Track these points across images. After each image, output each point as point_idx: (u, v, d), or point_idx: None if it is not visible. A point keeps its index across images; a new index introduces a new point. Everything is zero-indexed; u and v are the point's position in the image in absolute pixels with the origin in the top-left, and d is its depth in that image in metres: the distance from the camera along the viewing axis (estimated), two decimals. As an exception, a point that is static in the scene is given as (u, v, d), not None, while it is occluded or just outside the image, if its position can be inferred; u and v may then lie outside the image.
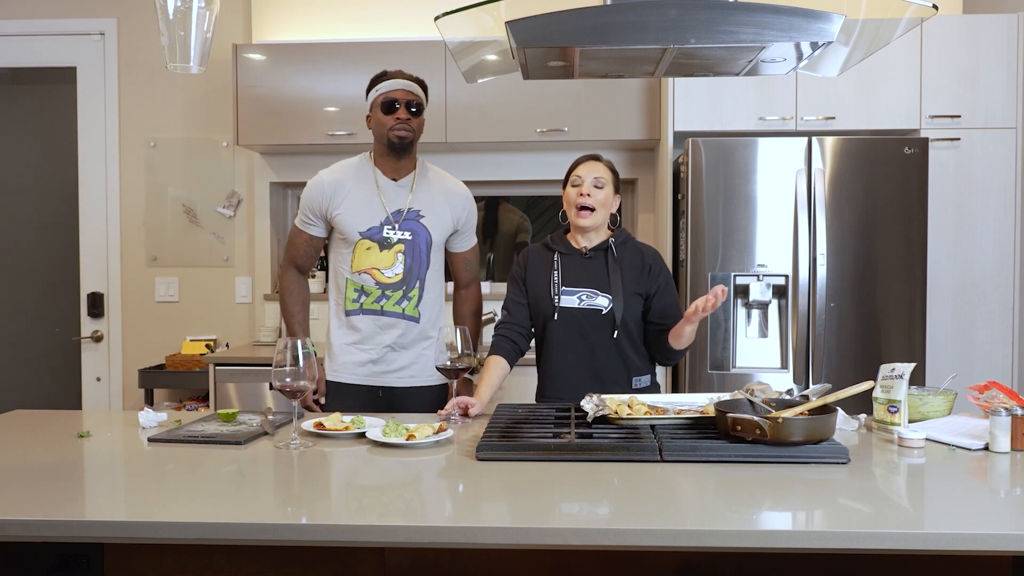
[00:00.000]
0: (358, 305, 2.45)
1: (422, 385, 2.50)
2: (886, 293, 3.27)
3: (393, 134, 2.41)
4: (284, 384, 1.79)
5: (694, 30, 1.71)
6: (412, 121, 2.44)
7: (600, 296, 2.28)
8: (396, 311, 2.44)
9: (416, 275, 2.45)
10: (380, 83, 2.46)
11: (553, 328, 2.31)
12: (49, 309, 4.36)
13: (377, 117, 2.44)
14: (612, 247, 2.32)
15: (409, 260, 2.44)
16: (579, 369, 2.30)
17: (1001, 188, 3.40)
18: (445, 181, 2.55)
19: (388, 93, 2.43)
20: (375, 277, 2.43)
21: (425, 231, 2.45)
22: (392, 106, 2.41)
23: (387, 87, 2.44)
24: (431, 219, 2.46)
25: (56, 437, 1.95)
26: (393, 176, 2.47)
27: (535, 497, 1.47)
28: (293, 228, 2.56)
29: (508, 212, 4.39)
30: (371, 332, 2.45)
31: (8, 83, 4.36)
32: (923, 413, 2.04)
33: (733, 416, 1.73)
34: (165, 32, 1.96)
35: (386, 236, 2.42)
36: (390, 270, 2.43)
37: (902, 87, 3.41)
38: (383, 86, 2.44)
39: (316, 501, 1.47)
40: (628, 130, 3.77)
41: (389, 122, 2.41)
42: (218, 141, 4.18)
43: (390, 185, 2.46)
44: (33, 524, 1.35)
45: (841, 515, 1.37)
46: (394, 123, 2.41)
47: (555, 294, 2.30)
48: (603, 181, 2.28)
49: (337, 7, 4.13)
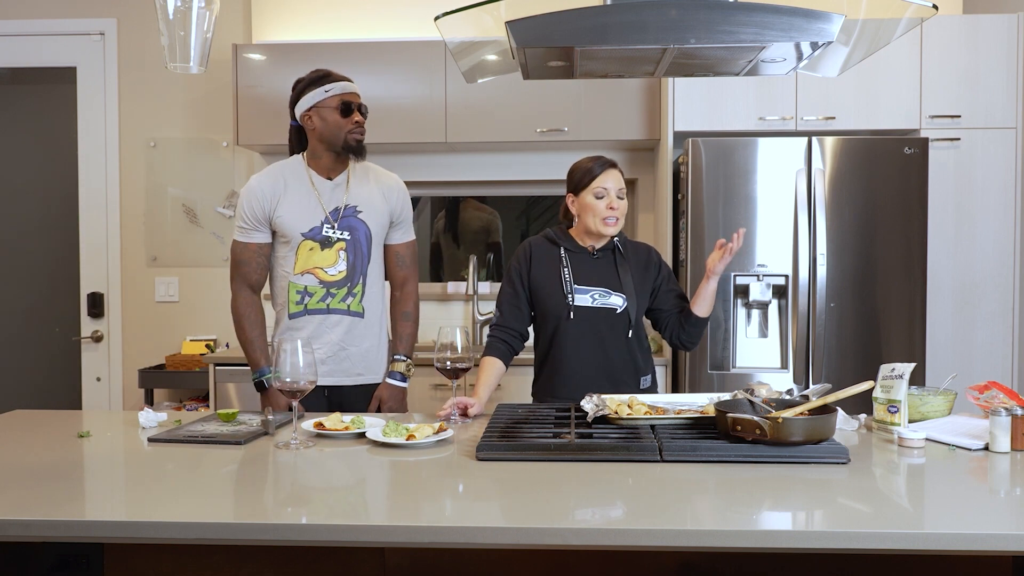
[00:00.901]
0: (302, 307, 2.43)
1: (371, 383, 2.49)
2: (886, 293, 3.27)
3: (352, 137, 2.39)
4: (284, 384, 1.79)
5: (694, 30, 1.71)
6: (363, 124, 2.43)
7: (614, 295, 2.29)
8: (341, 308, 2.43)
9: (359, 271, 2.44)
10: (328, 83, 2.39)
11: (568, 327, 2.30)
12: (49, 309, 4.35)
13: (332, 118, 2.38)
14: (619, 247, 2.33)
15: (352, 256, 2.42)
16: (592, 368, 2.30)
17: (1001, 188, 3.40)
18: (378, 174, 2.52)
19: (344, 96, 2.39)
20: (318, 276, 2.41)
21: (364, 226, 2.43)
22: (349, 108, 2.39)
23: (340, 89, 2.39)
24: (368, 213, 2.44)
25: (56, 437, 1.95)
26: (328, 176, 2.45)
27: (535, 497, 1.47)
28: (235, 245, 2.46)
29: (476, 210, 4.37)
30: (318, 332, 2.42)
31: (8, 83, 4.36)
32: (923, 413, 2.04)
33: (733, 416, 1.73)
34: (165, 32, 1.96)
35: (327, 235, 2.40)
36: (333, 268, 2.41)
37: (902, 87, 3.41)
38: (336, 87, 2.39)
39: (316, 501, 1.47)
40: (628, 130, 3.77)
41: (347, 125, 2.39)
42: (218, 141, 4.18)
43: (326, 185, 2.43)
44: (33, 524, 1.35)
45: (841, 515, 1.37)
46: (352, 126, 2.39)
47: (568, 292, 2.30)
48: (624, 192, 2.31)
49: (337, 7, 4.13)
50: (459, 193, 4.32)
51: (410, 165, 4.17)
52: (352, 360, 2.46)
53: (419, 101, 3.78)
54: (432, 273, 4.39)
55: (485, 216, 4.37)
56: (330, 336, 2.43)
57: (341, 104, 2.38)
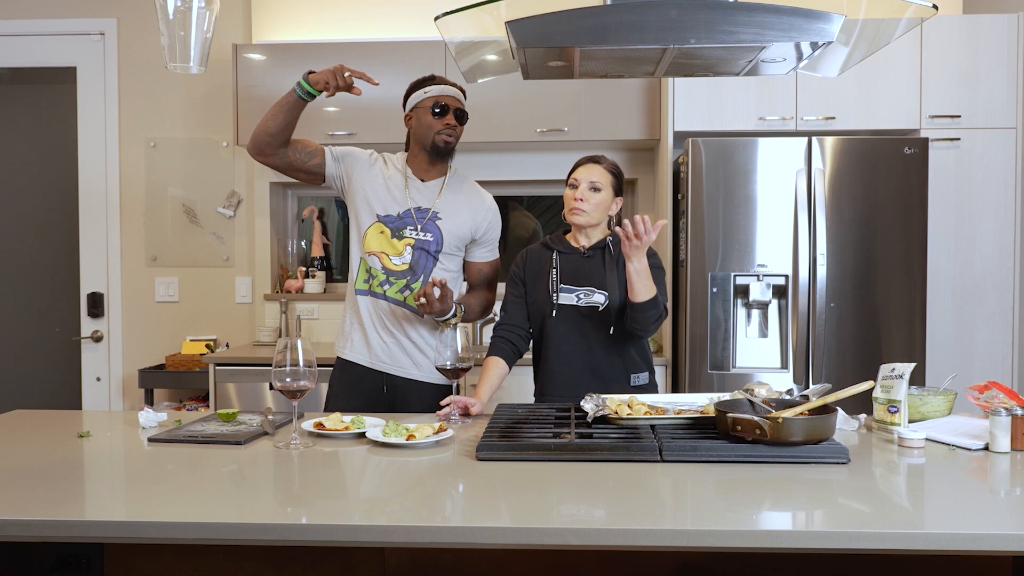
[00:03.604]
0: (368, 285, 2.48)
1: (422, 380, 2.50)
2: (886, 293, 3.27)
3: (440, 138, 2.43)
4: (284, 384, 1.79)
5: (694, 30, 1.71)
6: (458, 128, 2.46)
7: (597, 293, 2.28)
8: (398, 299, 2.45)
9: (422, 269, 2.45)
10: (429, 86, 2.46)
11: (551, 325, 2.31)
12: (49, 309, 4.36)
13: (424, 119, 2.44)
14: (610, 245, 2.33)
15: (417, 254, 2.44)
16: (577, 366, 2.30)
17: (1001, 188, 3.40)
18: (473, 190, 2.55)
19: (440, 97, 2.44)
20: (382, 261, 2.45)
21: (438, 231, 2.45)
22: (444, 110, 2.43)
23: (438, 91, 2.45)
24: (447, 222, 2.46)
25: (56, 437, 1.95)
26: (422, 177, 2.49)
27: (535, 497, 1.47)
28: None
29: (523, 217, 4.38)
30: (377, 314, 2.46)
31: (8, 83, 4.36)
32: (923, 413, 2.04)
33: (733, 416, 1.73)
34: (165, 32, 1.96)
35: (401, 228, 2.44)
36: (399, 258, 2.44)
37: (902, 87, 3.41)
38: (433, 89, 2.45)
39: (316, 501, 1.47)
40: (628, 130, 3.77)
41: (437, 125, 2.43)
42: (218, 141, 4.18)
43: (418, 184, 2.48)
44: (33, 524, 1.35)
45: (841, 515, 1.37)
46: (442, 127, 2.43)
47: (553, 291, 2.31)
48: (600, 184, 2.28)
49: (337, 7, 4.13)
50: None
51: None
52: (407, 352, 2.47)
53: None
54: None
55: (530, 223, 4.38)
56: (387, 323, 2.46)
57: (435, 105, 2.42)
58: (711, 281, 3.29)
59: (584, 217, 2.28)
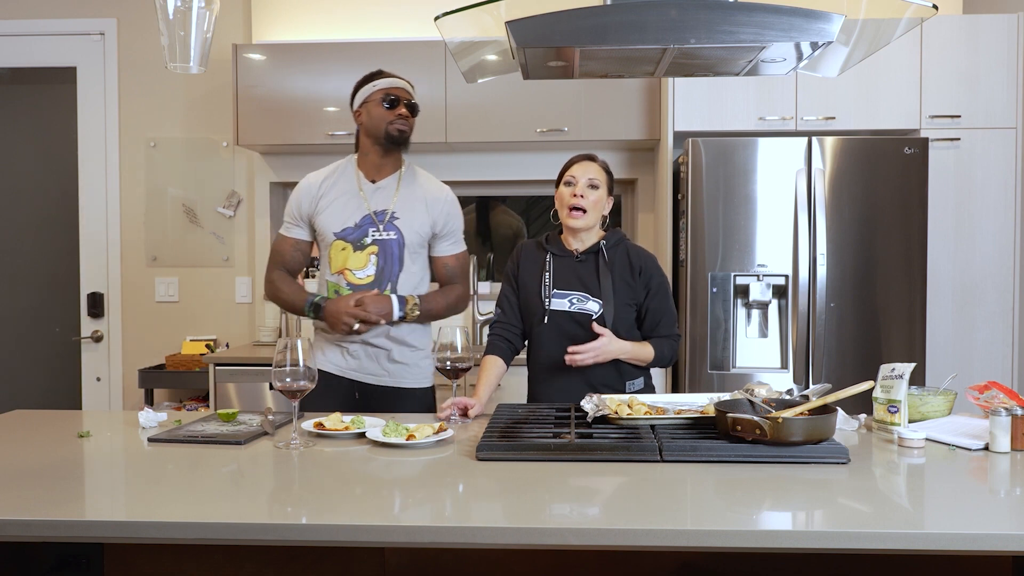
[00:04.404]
0: None
1: (400, 387, 2.48)
2: (886, 293, 3.27)
3: (393, 127, 2.43)
4: (284, 384, 1.79)
5: (694, 30, 1.71)
6: (410, 119, 2.47)
7: (591, 300, 2.26)
8: None
9: (388, 277, 2.43)
10: (377, 80, 2.47)
11: (542, 331, 2.30)
12: (49, 309, 4.35)
13: (376, 112, 2.44)
14: (603, 250, 2.30)
15: (382, 262, 2.43)
16: (568, 373, 2.26)
17: (1001, 188, 3.40)
18: (427, 183, 2.53)
19: (389, 90, 2.45)
20: (347, 279, 2.43)
21: (399, 232, 2.44)
22: (395, 102, 2.43)
23: (388, 83, 2.46)
24: (405, 221, 2.44)
25: (56, 437, 1.95)
26: (373, 178, 2.48)
27: (535, 497, 1.47)
28: (277, 238, 2.57)
29: (504, 215, 4.38)
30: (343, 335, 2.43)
31: (8, 83, 4.36)
32: (923, 413, 2.04)
33: (733, 416, 1.73)
34: (165, 32, 1.96)
35: (361, 237, 2.42)
36: (362, 271, 2.42)
37: (902, 87, 3.41)
38: (383, 82, 2.46)
39: (316, 501, 1.47)
40: (628, 130, 3.77)
41: (389, 116, 2.43)
42: (218, 141, 4.18)
43: (370, 187, 2.46)
44: (33, 524, 1.35)
45: (841, 515, 1.37)
46: (395, 118, 2.43)
47: (545, 296, 2.30)
48: (598, 182, 2.27)
49: (337, 7, 4.13)
50: (459, 193, 4.30)
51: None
52: (380, 361, 2.46)
53: (419, 101, 3.76)
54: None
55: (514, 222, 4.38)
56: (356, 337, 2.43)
57: (384, 97, 2.43)
58: (711, 281, 3.29)
59: (583, 220, 2.26)
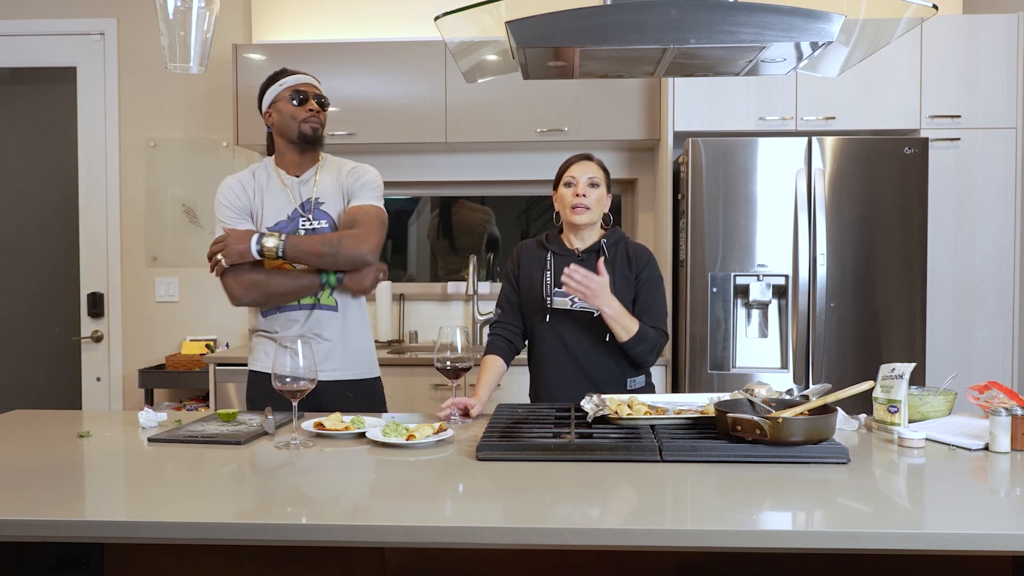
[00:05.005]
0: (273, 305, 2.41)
1: (346, 379, 2.43)
2: (886, 293, 3.27)
3: (306, 126, 2.40)
4: (284, 384, 1.79)
5: (694, 30, 1.71)
6: (321, 114, 2.44)
7: None
8: (310, 302, 2.39)
9: None
10: (284, 78, 2.44)
11: (545, 330, 2.31)
12: (49, 309, 4.35)
13: (286, 110, 2.41)
14: (604, 248, 2.31)
15: None
16: (571, 371, 2.29)
17: (1001, 188, 3.40)
18: (342, 164, 2.50)
19: (296, 87, 2.42)
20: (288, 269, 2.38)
21: (328, 217, 2.42)
22: (304, 98, 2.41)
23: (295, 81, 2.43)
24: (330, 204, 2.43)
25: (56, 437, 1.95)
26: (296, 173, 2.46)
27: (535, 497, 1.47)
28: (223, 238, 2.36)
29: (468, 210, 4.36)
30: (287, 327, 2.40)
31: (8, 83, 4.36)
32: (923, 413, 2.04)
33: (733, 416, 1.73)
34: (165, 32, 1.96)
35: (296, 230, 2.39)
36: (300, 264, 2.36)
37: (902, 87, 3.41)
38: (289, 80, 2.43)
39: (316, 501, 1.47)
40: (628, 130, 3.77)
41: (300, 114, 2.40)
42: (218, 141, 4.18)
43: (294, 182, 2.45)
44: (33, 524, 1.35)
45: (841, 515, 1.37)
46: (306, 115, 2.40)
47: (547, 295, 2.30)
48: (597, 180, 2.29)
49: (337, 7, 4.13)
50: (459, 193, 4.32)
51: (410, 165, 4.17)
52: (325, 354, 2.39)
53: (419, 101, 3.79)
54: (431, 273, 4.39)
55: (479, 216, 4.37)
56: (299, 330, 2.39)
57: (293, 95, 2.40)
58: (711, 281, 3.29)
59: (587, 215, 2.27)
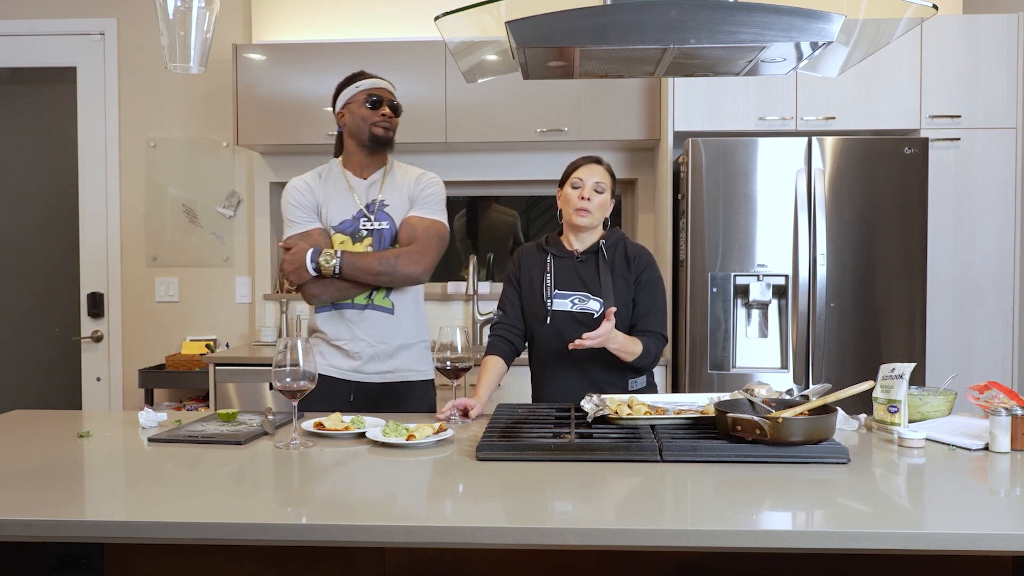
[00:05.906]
0: None
1: (398, 381, 2.47)
2: (886, 293, 3.27)
3: (377, 128, 2.43)
4: (284, 384, 1.79)
5: (694, 30, 1.71)
6: (393, 120, 2.46)
7: (592, 299, 2.27)
8: (362, 302, 2.42)
9: None
10: (360, 80, 2.46)
11: (545, 331, 2.31)
12: (49, 309, 4.36)
13: (360, 112, 2.43)
14: (603, 249, 2.31)
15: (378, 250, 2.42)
16: (572, 372, 2.29)
17: (1001, 188, 3.40)
18: (409, 170, 2.54)
19: (372, 90, 2.45)
20: None
21: (391, 220, 2.45)
22: (377, 102, 2.43)
23: (371, 84, 2.46)
24: (394, 208, 2.46)
25: (56, 437, 1.95)
26: (362, 175, 2.48)
27: (535, 497, 1.47)
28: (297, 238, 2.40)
29: (499, 213, 4.38)
30: (343, 325, 2.42)
31: (8, 83, 4.36)
32: (923, 413, 2.04)
33: (733, 416, 1.73)
34: (165, 32, 1.96)
35: (358, 229, 2.43)
36: None
37: (902, 87, 3.41)
38: (365, 83, 2.45)
39: (316, 501, 1.47)
40: (628, 130, 3.77)
41: (373, 117, 2.43)
42: (218, 141, 4.18)
43: (360, 183, 2.47)
44: (33, 524, 1.35)
45: (841, 515, 1.37)
46: (379, 119, 2.43)
47: (547, 297, 2.30)
48: (603, 186, 2.29)
49: (337, 7, 4.13)
50: (459, 193, 4.31)
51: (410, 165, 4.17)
52: (380, 357, 2.44)
53: (419, 101, 3.78)
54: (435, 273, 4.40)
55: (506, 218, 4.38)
56: (355, 331, 2.43)
57: (367, 98, 2.42)
58: (711, 281, 3.29)
59: (589, 219, 2.27)
